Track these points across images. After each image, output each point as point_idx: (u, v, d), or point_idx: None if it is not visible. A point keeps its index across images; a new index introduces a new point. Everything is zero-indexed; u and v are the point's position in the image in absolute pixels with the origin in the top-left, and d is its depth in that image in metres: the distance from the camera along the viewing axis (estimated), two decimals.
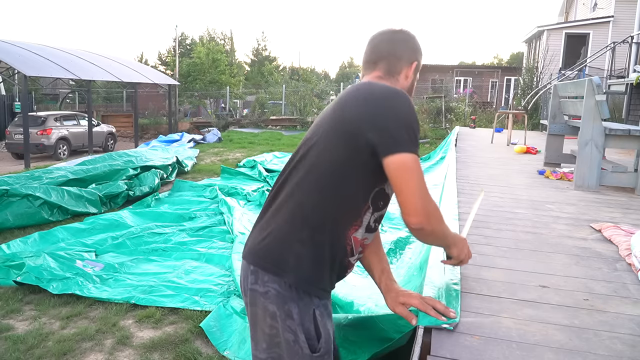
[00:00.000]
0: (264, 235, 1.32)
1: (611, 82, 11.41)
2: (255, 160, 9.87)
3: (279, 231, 1.30)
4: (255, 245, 1.34)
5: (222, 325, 3.24)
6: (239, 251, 4.44)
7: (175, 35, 28.60)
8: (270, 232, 1.31)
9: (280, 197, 1.33)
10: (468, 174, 4.64)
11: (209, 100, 26.82)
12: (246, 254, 1.36)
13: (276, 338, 1.29)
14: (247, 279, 1.33)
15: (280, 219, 1.31)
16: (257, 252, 1.33)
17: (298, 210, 1.29)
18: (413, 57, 1.42)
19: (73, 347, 3.09)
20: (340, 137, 1.26)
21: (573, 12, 22.41)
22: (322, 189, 1.28)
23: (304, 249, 1.28)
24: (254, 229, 1.39)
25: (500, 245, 2.40)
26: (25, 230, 5.54)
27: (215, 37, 38.81)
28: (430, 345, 1.41)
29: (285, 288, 1.28)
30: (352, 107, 1.27)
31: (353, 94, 1.30)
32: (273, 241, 1.30)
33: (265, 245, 1.31)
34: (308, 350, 1.28)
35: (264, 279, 1.29)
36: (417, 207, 1.24)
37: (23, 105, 12.62)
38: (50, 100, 25.62)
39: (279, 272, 1.28)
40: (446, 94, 20.55)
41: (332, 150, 1.27)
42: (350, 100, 1.29)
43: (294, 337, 1.28)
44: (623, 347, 1.44)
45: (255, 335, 1.34)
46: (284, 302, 1.28)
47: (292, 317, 1.27)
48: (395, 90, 1.28)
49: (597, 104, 3.99)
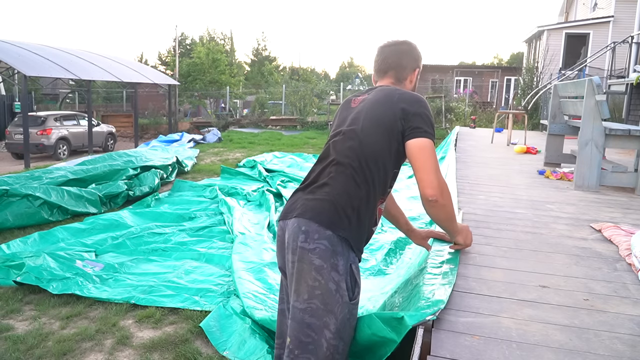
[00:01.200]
0: (320, 200, 1.59)
1: (611, 82, 11.41)
2: (255, 160, 9.87)
3: (335, 197, 1.58)
4: (311, 207, 1.59)
5: (222, 326, 3.24)
6: (239, 251, 4.45)
7: (175, 35, 28.62)
8: (325, 198, 1.59)
9: (330, 172, 1.63)
10: (468, 174, 4.64)
11: (209, 100, 26.82)
12: (300, 213, 1.59)
13: (317, 290, 1.52)
14: (297, 238, 1.56)
15: (335, 189, 1.59)
16: (314, 210, 1.57)
17: (351, 184, 1.59)
18: (415, 65, 1.83)
19: (73, 347, 3.09)
20: (386, 129, 1.62)
21: (573, 12, 22.42)
22: (369, 169, 1.61)
23: (353, 214, 1.58)
24: (299, 196, 1.67)
25: (500, 245, 2.40)
26: (25, 230, 5.54)
27: (215, 37, 38.82)
28: (430, 345, 1.41)
29: (334, 243, 1.54)
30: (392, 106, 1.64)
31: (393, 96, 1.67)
32: (330, 205, 1.58)
33: (322, 207, 1.58)
34: (347, 298, 1.55)
35: (314, 237, 1.54)
36: (434, 182, 1.62)
37: (23, 105, 12.62)
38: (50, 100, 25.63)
39: (334, 228, 1.55)
40: (446, 94, 20.56)
41: (378, 139, 1.62)
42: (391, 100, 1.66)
43: (336, 286, 1.52)
44: (623, 347, 1.44)
45: (299, 287, 1.55)
46: (331, 256, 1.53)
47: (337, 269, 1.53)
48: (420, 97, 1.69)
49: (597, 104, 3.99)
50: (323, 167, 1.66)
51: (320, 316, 1.52)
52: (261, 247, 4.65)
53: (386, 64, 1.82)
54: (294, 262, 1.57)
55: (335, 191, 1.59)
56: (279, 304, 1.79)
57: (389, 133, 1.62)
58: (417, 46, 1.84)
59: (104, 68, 16.03)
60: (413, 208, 5.11)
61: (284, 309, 1.76)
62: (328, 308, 1.52)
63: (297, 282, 1.56)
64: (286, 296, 1.72)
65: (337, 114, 1.84)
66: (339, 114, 1.82)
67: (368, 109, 1.67)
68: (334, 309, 1.53)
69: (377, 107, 1.66)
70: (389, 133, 1.62)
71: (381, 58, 1.83)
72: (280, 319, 1.77)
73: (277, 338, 1.78)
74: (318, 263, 1.52)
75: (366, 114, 1.66)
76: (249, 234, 5.06)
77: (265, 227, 5.42)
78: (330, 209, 1.57)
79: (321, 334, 1.51)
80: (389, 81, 1.81)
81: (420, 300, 1.68)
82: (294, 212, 1.62)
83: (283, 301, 1.77)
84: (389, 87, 1.73)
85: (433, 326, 1.52)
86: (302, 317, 1.53)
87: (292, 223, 1.60)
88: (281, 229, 1.68)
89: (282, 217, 1.68)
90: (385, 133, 1.62)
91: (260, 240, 4.87)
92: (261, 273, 3.95)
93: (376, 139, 1.62)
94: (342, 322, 1.54)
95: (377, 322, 1.53)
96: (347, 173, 1.60)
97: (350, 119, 1.70)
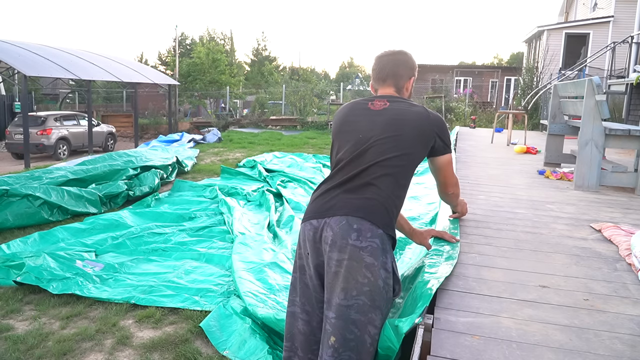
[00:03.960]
0: (368, 199, 1.69)
1: (611, 82, 11.40)
2: (255, 160, 9.87)
3: (383, 198, 1.70)
4: (361, 205, 1.67)
5: (222, 325, 3.24)
6: (239, 251, 4.45)
7: (175, 35, 28.59)
8: (374, 197, 1.69)
9: (374, 172, 1.72)
10: (468, 174, 4.64)
11: (209, 100, 26.81)
12: (349, 211, 1.66)
13: (366, 287, 1.58)
14: (347, 236, 1.62)
15: (382, 190, 1.71)
16: (365, 209, 1.66)
17: (396, 186, 1.74)
18: (411, 74, 1.99)
19: (73, 347, 3.09)
20: (423, 143, 1.83)
21: (573, 12, 22.41)
22: (408, 173, 1.80)
23: (395, 214, 1.74)
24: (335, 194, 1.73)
25: (500, 245, 2.40)
26: (25, 230, 5.54)
27: (215, 37, 38.81)
28: (430, 345, 1.41)
29: (384, 241, 1.65)
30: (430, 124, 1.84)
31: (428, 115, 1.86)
32: (379, 205, 1.68)
33: (373, 206, 1.67)
34: (392, 294, 1.67)
35: (367, 235, 1.62)
36: (455, 182, 2.15)
37: (23, 105, 12.62)
38: (50, 100, 25.63)
39: (384, 227, 1.67)
40: (446, 94, 20.56)
41: (417, 149, 1.81)
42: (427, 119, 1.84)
43: (384, 283, 1.61)
44: (623, 347, 1.44)
45: (347, 285, 1.59)
46: (381, 254, 1.62)
47: (386, 266, 1.63)
48: (444, 121, 1.94)
49: (597, 104, 3.99)
50: (363, 167, 1.73)
51: (366, 312, 1.57)
52: (261, 247, 4.65)
53: (384, 73, 1.96)
54: (341, 260, 1.61)
55: (383, 192, 1.70)
56: (289, 306, 1.79)
57: (425, 147, 1.85)
58: (412, 55, 2.01)
59: (104, 68, 16.03)
60: (413, 208, 5.12)
61: (294, 311, 1.76)
62: (375, 304, 1.58)
63: (344, 280, 1.59)
64: (305, 298, 1.74)
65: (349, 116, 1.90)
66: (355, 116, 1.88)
67: (404, 121, 1.81)
68: (381, 305, 1.60)
69: (415, 121, 1.82)
70: (424, 146, 1.85)
71: (379, 67, 1.97)
72: (290, 321, 1.77)
73: (287, 341, 1.77)
74: (369, 261, 1.59)
75: (406, 124, 1.80)
76: (249, 234, 5.06)
77: (265, 227, 5.42)
78: (380, 209, 1.68)
79: (365, 330, 1.56)
80: (390, 90, 1.96)
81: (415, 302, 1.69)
82: (336, 209, 1.68)
83: (294, 303, 1.77)
84: (417, 106, 1.88)
85: (433, 326, 1.52)
86: (348, 313, 1.57)
87: (339, 221, 1.65)
88: (314, 227, 1.70)
89: (316, 216, 1.72)
90: (423, 146, 1.84)
91: (260, 241, 4.88)
92: (261, 273, 3.95)
93: (416, 150, 1.80)
94: (385, 317, 1.63)
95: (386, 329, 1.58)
96: (392, 175, 1.73)
97: (384, 124, 1.80)
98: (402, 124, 1.81)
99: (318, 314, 1.72)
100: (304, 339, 1.73)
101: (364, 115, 1.86)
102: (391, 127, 1.80)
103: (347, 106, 1.96)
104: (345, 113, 1.92)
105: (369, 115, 1.85)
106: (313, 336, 1.72)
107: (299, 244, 1.79)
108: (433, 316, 1.59)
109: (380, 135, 1.77)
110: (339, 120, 1.93)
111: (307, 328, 1.73)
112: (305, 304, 1.74)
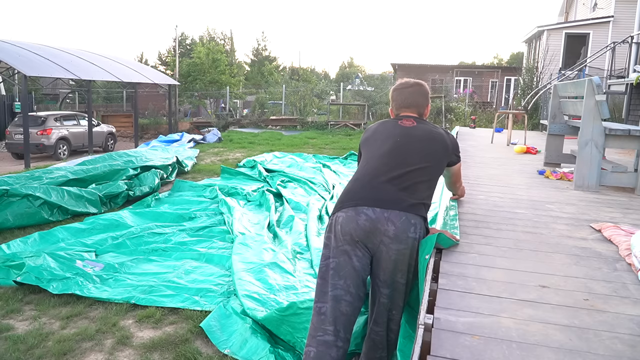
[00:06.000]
0: (416, 197, 2.07)
1: (611, 82, 11.40)
2: (255, 160, 9.87)
3: (425, 199, 2.13)
4: (412, 204, 2.05)
5: (223, 325, 3.24)
6: (239, 252, 4.45)
7: (175, 35, 28.55)
8: (421, 196, 2.10)
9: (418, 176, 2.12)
10: (468, 174, 4.64)
11: (209, 100, 26.79)
12: (406, 208, 2.03)
13: (412, 267, 2.06)
14: (407, 230, 2.01)
15: (424, 192, 2.13)
16: (415, 208, 2.06)
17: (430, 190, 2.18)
18: (428, 102, 2.41)
19: (73, 347, 3.10)
20: (445, 155, 2.28)
21: (573, 12, 22.41)
22: (435, 181, 2.25)
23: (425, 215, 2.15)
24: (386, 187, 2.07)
25: (500, 245, 2.40)
26: (25, 230, 5.54)
27: (215, 37, 38.78)
28: (430, 345, 1.41)
29: (424, 235, 2.09)
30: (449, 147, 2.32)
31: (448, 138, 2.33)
32: (423, 204, 2.11)
33: (419, 205, 2.08)
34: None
35: (419, 229, 2.04)
36: (461, 180, 2.91)
37: (23, 105, 12.61)
38: (50, 100, 25.60)
39: (426, 221, 2.12)
40: (446, 94, 20.55)
41: (443, 165, 2.29)
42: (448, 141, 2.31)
43: (415, 263, 2.07)
44: (623, 347, 1.44)
45: (403, 267, 2.05)
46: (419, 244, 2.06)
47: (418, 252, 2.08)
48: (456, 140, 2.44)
49: (597, 104, 3.99)
50: (409, 169, 2.11)
51: (410, 285, 2.10)
52: (261, 247, 4.65)
53: (407, 103, 2.37)
54: (399, 250, 2.01)
55: (424, 193, 2.13)
56: (332, 290, 2.00)
57: (446, 160, 2.31)
58: (427, 86, 2.45)
59: (104, 68, 16.02)
60: None
61: (337, 294, 1.99)
62: (414, 279, 2.08)
63: (402, 263, 2.04)
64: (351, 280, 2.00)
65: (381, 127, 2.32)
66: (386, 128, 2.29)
67: (434, 139, 2.24)
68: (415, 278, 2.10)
69: (441, 141, 2.26)
70: (447, 159, 2.31)
71: (402, 97, 2.38)
72: (333, 304, 1.98)
73: (329, 325, 1.97)
74: (417, 248, 2.04)
75: (435, 142, 2.24)
76: (249, 234, 5.06)
77: (265, 227, 5.42)
78: (424, 207, 2.11)
79: (406, 297, 2.14)
80: (414, 115, 2.36)
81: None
82: (393, 204, 2.03)
83: (336, 287, 2.00)
84: (438, 127, 2.35)
85: (433, 326, 1.52)
86: (403, 288, 2.09)
87: (399, 216, 2.01)
88: (370, 219, 2.00)
89: (368, 203, 2.03)
90: (446, 159, 2.31)
91: (261, 241, 4.87)
92: (261, 273, 3.95)
93: (442, 162, 2.28)
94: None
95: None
96: (428, 181, 2.16)
97: (419, 138, 2.22)
98: (432, 141, 2.24)
99: (361, 296, 2.03)
100: (346, 319, 1.99)
101: (395, 128, 2.25)
102: (425, 142, 2.21)
103: (377, 123, 2.36)
104: (376, 127, 2.32)
105: (402, 129, 2.24)
106: (354, 317, 2.02)
107: (342, 231, 2.03)
108: (433, 316, 1.59)
109: (419, 147, 2.18)
110: (370, 132, 2.32)
111: (350, 309, 1.99)
112: (350, 286, 2.00)
